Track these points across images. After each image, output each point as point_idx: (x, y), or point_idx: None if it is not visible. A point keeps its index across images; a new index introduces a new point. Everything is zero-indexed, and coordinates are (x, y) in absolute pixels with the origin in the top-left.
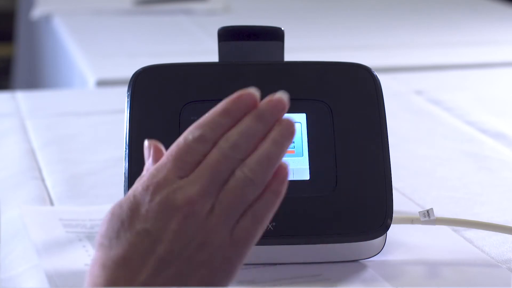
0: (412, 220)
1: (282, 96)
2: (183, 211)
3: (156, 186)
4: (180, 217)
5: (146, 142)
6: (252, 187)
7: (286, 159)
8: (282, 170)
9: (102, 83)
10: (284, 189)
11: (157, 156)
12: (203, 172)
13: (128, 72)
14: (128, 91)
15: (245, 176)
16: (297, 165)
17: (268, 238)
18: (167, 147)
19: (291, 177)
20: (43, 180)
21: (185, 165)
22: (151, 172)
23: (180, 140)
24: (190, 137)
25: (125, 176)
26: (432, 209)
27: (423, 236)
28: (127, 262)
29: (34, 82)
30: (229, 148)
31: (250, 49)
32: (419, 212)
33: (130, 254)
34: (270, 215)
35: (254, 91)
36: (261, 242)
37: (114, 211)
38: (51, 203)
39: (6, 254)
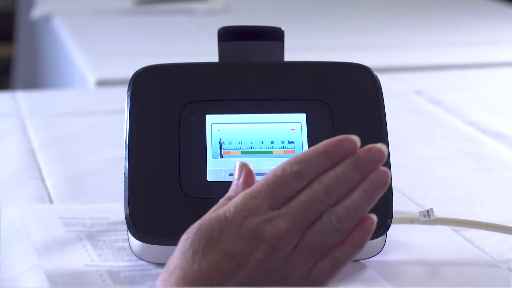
0: (412, 220)
1: (382, 147)
2: (270, 243)
3: (248, 212)
4: (267, 248)
5: (238, 163)
6: (337, 235)
7: (286, 159)
8: (369, 223)
9: (102, 83)
10: (366, 242)
11: (248, 180)
12: (294, 209)
13: (128, 72)
14: (128, 91)
15: (332, 223)
16: None
17: None
18: (167, 147)
19: None
20: (43, 180)
21: (279, 199)
22: (245, 197)
23: (278, 171)
24: (288, 171)
25: (125, 176)
26: (432, 209)
27: (423, 236)
28: (209, 281)
29: (34, 82)
30: (323, 192)
31: (250, 49)
32: (419, 212)
33: (214, 273)
34: (349, 263)
35: (355, 138)
36: None
37: (203, 226)
38: (51, 203)
39: (6, 254)
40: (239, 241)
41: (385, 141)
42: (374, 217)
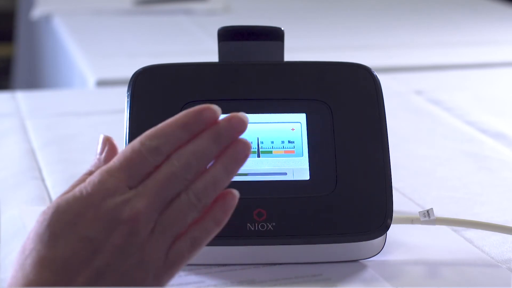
0: (412, 220)
1: (242, 116)
2: (127, 226)
3: (106, 192)
4: (124, 232)
5: (101, 137)
6: (195, 212)
7: (286, 159)
8: (230, 199)
9: (102, 83)
10: (226, 219)
11: (110, 155)
12: (151, 187)
13: (128, 72)
14: (128, 91)
15: (190, 201)
16: (297, 165)
17: (268, 238)
18: None
19: (291, 177)
20: (43, 180)
21: (137, 176)
22: (102, 175)
23: (135, 146)
24: (147, 145)
25: None
26: (432, 209)
27: (423, 236)
28: (65, 266)
29: (34, 82)
30: (181, 167)
31: (250, 49)
32: (419, 212)
33: (70, 258)
34: (207, 241)
35: (216, 108)
36: (261, 242)
37: (60, 207)
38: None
39: (6, 254)
40: (96, 224)
41: (385, 141)
42: (235, 193)
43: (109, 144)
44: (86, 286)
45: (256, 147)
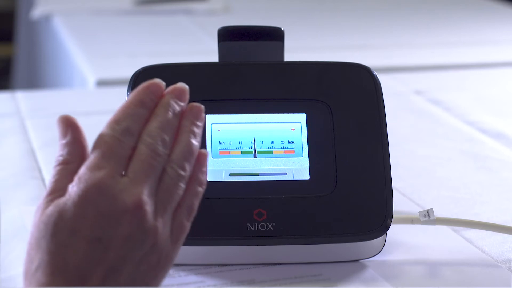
0: (412, 220)
1: (182, 85)
2: (132, 214)
3: (100, 187)
4: (131, 221)
5: (59, 118)
6: (184, 182)
7: (286, 159)
8: (201, 157)
9: (102, 83)
10: (206, 177)
11: (78, 137)
12: (140, 170)
13: (128, 72)
14: (128, 91)
15: (177, 172)
16: (297, 165)
17: (268, 238)
18: None
19: (291, 177)
20: (43, 180)
21: (121, 161)
22: (88, 175)
23: (107, 133)
24: (117, 129)
25: None
26: (432, 209)
27: (423, 236)
28: (79, 272)
29: (34, 82)
30: (157, 144)
31: (250, 49)
32: (419, 212)
33: (83, 264)
34: (198, 204)
35: (159, 81)
36: (261, 242)
37: (59, 215)
38: None
39: (6, 254)
40: (100, 222)
41: (385, 141)
42: (204, 151)
43: (72, 125)
44: (102, 283)
45: (256, 147)
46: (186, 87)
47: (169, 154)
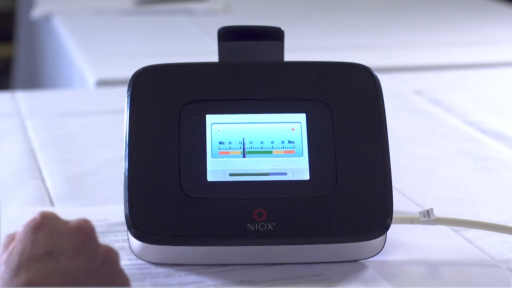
0: (412, 220)
1: None
2: (77, 232)
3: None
4: (76, 234)
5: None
6: None
7: (286, 159)
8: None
9: (102, 83)
10: None
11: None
12: None
13: (128, 72)
14: (128, 91)
15: None
16: (297, 165)
17: (268, 238)
18: (167, 147)
19: (291, 177)
20: (43, 180)
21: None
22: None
23: None
24: None
25: (125, 176)
26: (432, 209)
27: (423, 236)
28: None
29: (34, 82)
30: None
31: (250, 49)
32: (419, 212)
33: (36, 277)
34: None
35: None
36: (261, 242)
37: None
38: (51, 203)
39: None
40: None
41: (385, 141)
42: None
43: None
44: None
45: (257, 147)
46: None
47: None
